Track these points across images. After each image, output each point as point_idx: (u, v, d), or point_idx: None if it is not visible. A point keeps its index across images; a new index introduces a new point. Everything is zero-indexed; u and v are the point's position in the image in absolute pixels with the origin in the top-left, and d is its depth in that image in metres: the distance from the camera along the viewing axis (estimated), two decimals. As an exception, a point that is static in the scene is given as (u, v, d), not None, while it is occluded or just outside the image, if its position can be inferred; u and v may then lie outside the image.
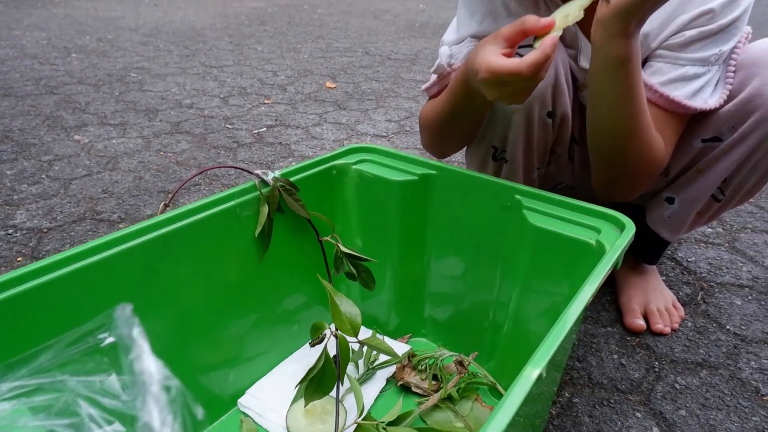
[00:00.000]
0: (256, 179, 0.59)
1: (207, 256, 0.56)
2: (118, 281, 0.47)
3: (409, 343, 0.74)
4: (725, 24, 0.59)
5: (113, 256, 0.47)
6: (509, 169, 0.72)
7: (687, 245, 1.03)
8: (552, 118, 0.69)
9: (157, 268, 0.51)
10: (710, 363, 0.73)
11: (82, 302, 0.43)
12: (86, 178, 1.23)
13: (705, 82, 0.61)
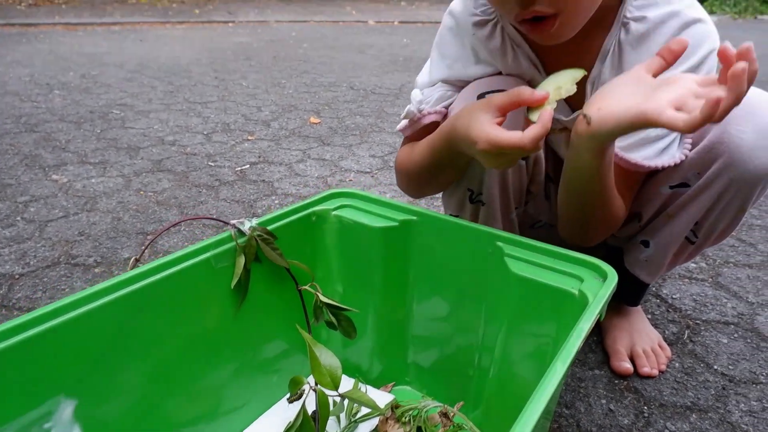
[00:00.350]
0: (232, 229, 0.58)
1: (181, 310, 0.54)
2: (84, 345, 0.45)
3: (392, 392, 0.72)
4: None
5: (77, 318, 0.45)
6: (487, 212, 0.72)
7: (671, 281, 1.02)
8: (525, 160, 0.70)
9: (129, 326, 0.49)
10: (699, 406, 0.72)
11: (43, 373, 0.41)
12: (62, 220, 1.20)
13: (670, 141, 0.63)
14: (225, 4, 7.41)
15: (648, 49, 0.62)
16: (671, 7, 0.61)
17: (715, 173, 0.63)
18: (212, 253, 0.55)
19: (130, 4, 7.00)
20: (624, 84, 0.51)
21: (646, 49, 0.62)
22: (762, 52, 4.69)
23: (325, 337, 0.71)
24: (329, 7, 7.73)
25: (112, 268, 1.01)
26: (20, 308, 0.88)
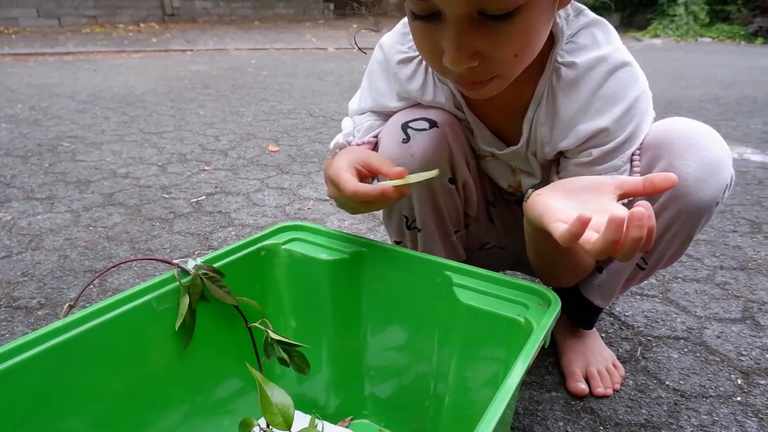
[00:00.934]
0: (175, 269, 0.56)
1: (122, 356, 0.52)
2: (15, 399, 0.42)
3: (350, 426, 0.70)
4: (623, 139, 0.63)
5: (7, 370, 0.42)
6: (425, 237, 0.74)
7: (624, 299, 1.05)
8: (454, 184, 0.72)
9: (64, 377, 0.47)
10: (653, 423, 0.73)
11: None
12: (5, 260, 1.15)
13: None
14: (183, 33, 7.36)
15: (579, 94, 0.63)
16: (599, 52, 0.62)
17: (663, 205, 0.65)
18: (153, 295, 0.54)
19: (84, 33, 6.87)
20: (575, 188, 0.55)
21: (576, 93, 0.63)
22: (704, 72, 4.94)
23: (279, 372, 0.70)
24: (289, 34, 7.79)
25: (57, 310, 0.97)
26: (-46, 358, 0.83)
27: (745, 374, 0.83)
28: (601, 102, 0.63)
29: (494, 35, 0.51)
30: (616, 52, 0.63)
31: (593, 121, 0.63)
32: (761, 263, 1.21)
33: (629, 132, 0.64)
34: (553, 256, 0.65)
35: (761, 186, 1.76)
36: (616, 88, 0.63)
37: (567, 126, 0.65)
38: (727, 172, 0.64)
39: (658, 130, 0.66)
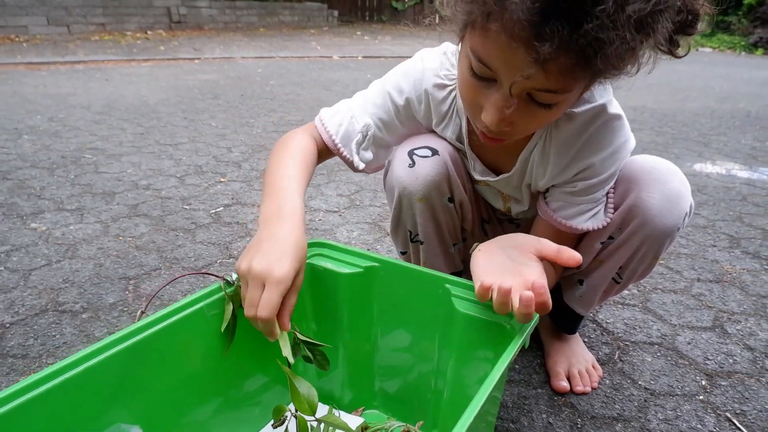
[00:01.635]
0: (221, 281, 0.68)
1: (178, 354, 0.63)
2: (105, 384, 0.54)
3: (362, 415, 0.82)
4: (606, 177, 0.74)
5: (98, 364, 0.54)
6: (427, 249, 0.85)
7: (606, 308, 1.16)
8: (452, 203, 0.82)
9: (134, 371, 0.58)
10: (624, 417, 0.84)
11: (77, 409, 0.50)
12: (46, 268, 1.26)
13: (599, 209, 0.77)
14: (190, 40, 7.51)
15: (573, 139, 0.72)
16: (595, 103, 0.70)
17: (632, 230, 0.77)
18: (205, 303, 0.65)
19: (92, 41, 7.02)
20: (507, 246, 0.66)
21: (571, 138, 0.72)
22: (703, 84, 5.03)
23: (302, 369, 0.81)
24: (294, 42, 7.93)
25: (99, 314, 1.08)
26: (14, 356, 0.94)
27: (709, 376, 0.94)
28: (592, 145, 0.72)
29: (532, 115, 0.59)
30: (609, 105, 0.71)
31: (585, 159, 0.73)
32: (735, 276, 1.32)
33: (611, 172, 0.75)
34: None
35: (744, 202, 1.87)
36: (605, 135, 0.72)
37: (562, 163, 0.74)
38: (686, 202, 0.75)
39: (629, 167, 0.77)
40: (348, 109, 0.81)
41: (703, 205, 1.83)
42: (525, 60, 0.51)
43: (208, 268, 1.29)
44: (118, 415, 0.55)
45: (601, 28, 0.46)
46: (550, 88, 0.55)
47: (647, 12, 0.47)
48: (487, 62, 0.56)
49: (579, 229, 0.77)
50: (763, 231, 1.61)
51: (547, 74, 0.52)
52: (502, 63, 0.55)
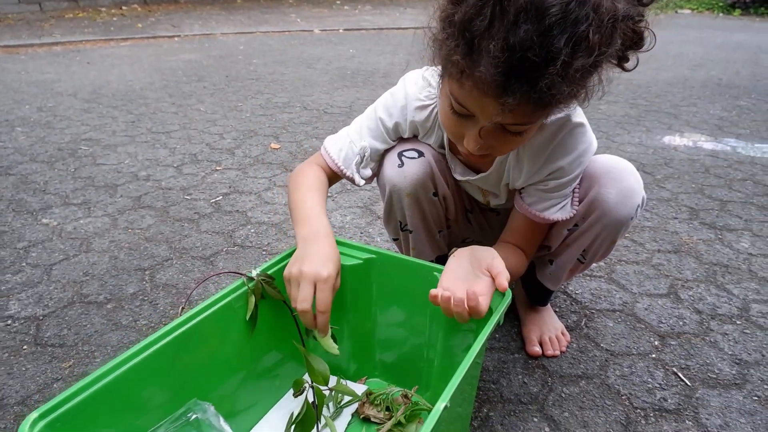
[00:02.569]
0: (244, 278, 0.80)
1: (214, 340, 0.75)
2: (163, 366, 0.66)
3: (366, 383, 0.96)
4: (573, 177, 0.86)
5: (158, 350, 0.66)
6: (415, 236, 0.98)
7: (576, 280, 1.31)
8: (436, 197, 0.95)
9: (182, 355, 0.70)
10: (587, 375, 0.99)
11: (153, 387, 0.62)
12: (65, 263, 1.37)
13: (566, 202, 0.89)
14: (167, 16, 7.38)
15: (543, 145, 0.84)
16: (562, 115, 0.81)
17: (593, 220, 0.90)
18: (232, 297, 0.77)
19: (67, 19, 6.87)
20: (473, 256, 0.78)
21: (542, 144, 0.84)
22: (678, 51, 5.11)
23: (312, 347, 0.94)
24: (273, 15, 7.83)
25: (122, 303, 1.20)
26: (53, 345, 1.06)
27: (661, 337, 1.10)
28: (560, 150, 0.84)
29: (505, 140, 0.71)
30: (573, 115, 0.83)
31: (554, 162, 0.85)
32: (692, 246, 1.47)
33: (577, 172, 0.87)
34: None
35: (706, 174, 2.02)
36: (571, 141, 0.84)
37: (535, 165, 0.87)
38: (638, 196, 0.88)
39: (591, 166, 0.90)
40: (347, 135, 0.95)
41: (669, 178, 1.98)
42: (494, 109, 0.63)
43: (216, 257, 1.40)
44: (177, 393, 0.68)
45: (553, 84, 0.57)
46: (517, 122, 0.67)
47: (591, 63, 0.58)
48: (464, 105, 0.67)
49: (550, 219, 0.90)
50: (720, 202, 1.76)
51: (513, 115, 0.64)
52: (477, 109, 0.67)
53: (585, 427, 0.87)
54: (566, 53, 0.56)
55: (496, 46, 0.57)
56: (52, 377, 0.97)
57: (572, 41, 0.56)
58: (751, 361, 1.03)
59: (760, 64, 4.50)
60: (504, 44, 0.56)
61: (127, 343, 1.07)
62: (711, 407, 0.92)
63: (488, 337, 0.68)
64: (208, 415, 0.62)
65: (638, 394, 0.95)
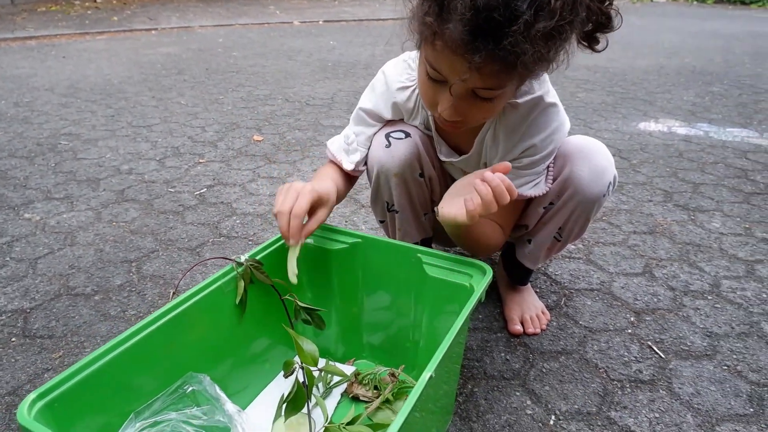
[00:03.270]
0: (233, 263, 0.82)
1: (205, 324, 0.77)
2: (158, 346, 0.68)
3: (354, 365, 0.98)
4: (545, 154, 0.89)
5: (153, 332, 0.68)
6: (401, 217, 1.01)
7: (556, 262, 1.35)
8: (422, 178, 0.98)
9: (174, 337, 0.72)
10: (567, 350, 1.03)
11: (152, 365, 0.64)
12: (50, 256, 1.37)
13: (540, 180, 0.92)
14: (143, 8, 7.26)
15: (517, 124, 0.88)
16: (534, 95, 0.86)
17: (568, 197, 0.93)
18: (222, 282, 0.79)
19: (39, 13, 6.72)
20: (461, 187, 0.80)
21: (516, 123, 0.88)
22: (654, 39, 5.22)
23: (302, 330, 0.96)
24: (252, 7, 7.75)
25: (110, 295, 1.20)
26: (42, 336, 1.07)
27: (636, 314, 1.15)
28: (533, 128, 0.88)
29: (477, 107, 0.75)
30: (546, 96, 0.88)
31: (527, 140, 0.89)
32: (666, 227, 1.53)
33: (549, 150, 0.91)
34: (468, 241, 0.92)
35: (680, 159, 2.08)
36: (543, 120, 0.89)
37: (509, 144, 0.90)
38: (609, 174, 0.92)
39: (565, 145, 0.93)
40: (342, 132, 1.02)
41: (644, 163, 2.03)
42: (463, 67, 0.67)
43: (202, 248, 1.41)
44: (170, 375, 0.70)
45: (517, 43, 0.62)
46: (486, 86, 0.71)
47: (552, 27, 0.62)
48: (437, 68, 0.72)
49: (525, 195, 0.93)
50: (693, 185, 1.82)
51: (482, 76, 0.68)
52: (448, 69, 0.71)
53: (565, 399, 0.91)
54: (529, 15, 0.61)
55: (464, 5, 0.61)
56: (42, 367, 0.98)
57: (535, 5, 0.61)
58: (722, 334, 1.08)
59: (733, 52, 4.60)
60: (471, 4, 0.61)
61: (116, 333, 1.08)
62: (683, 377, 0.96)
63: (471, 311, 0.71)
64: (204, 385, 0.64)
65: (615, 367, 0.99)
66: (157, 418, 0.55)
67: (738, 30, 6.04)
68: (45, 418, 0.55)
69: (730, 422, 0.87)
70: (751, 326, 1.10)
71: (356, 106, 1.01)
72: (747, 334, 1.08)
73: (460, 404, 0.91)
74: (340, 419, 0.83)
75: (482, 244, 0.93)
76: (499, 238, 0.96)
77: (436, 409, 0.77)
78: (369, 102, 0.99)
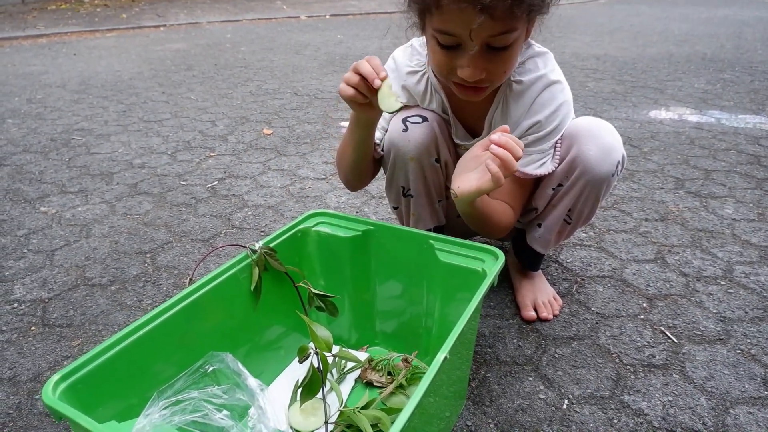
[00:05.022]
0: (248, 251, 0.83)
1: (220, 309, 0.78)
2: (176, 332, 0.69)
3: (367, 351, 0.99)
4: (550, 130, 0.90)
5: (170, 317, 0.69)
6: (416, 202, 1.02)
7: (567, 249, 1.35)
8: (438, 163, 0.98)
9: (190, 323, 0.73)
10: (579, 336, 1.04)
11: (174, 346, 0.65)
12: (66, 248, 1.39)
13: (546, 159, 0.92)
14: (151, 6, 7.30)
15: (524, 101, 0.91)
16: (539, 73, 0.90)
17: (576, 178, 0.93)
18: (237, 269, 0.80)
19: (50, 11, 6.78)
20: (468, 161, 0.81)
21: (522, 100, 0.91)
22: (663, 27, 5.15)
23: (314, 317, 0.97)
24: (259, 2, 7.76)
25: (126, 285, 1.22)
26: (60, 325, 1.09)
27: (649, 299, 1.14)
28: (538, 105, 0.91)
29: (496, 59, 0.78)
30: (550, 74, 0.91)
31: (533, 117, 0.91)
32: (677, 214, 1.52)
33: (554, 125, 0.91)
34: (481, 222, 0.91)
35: (692, 146, 2.06)
36: (548, 97, 0.91)
37: (516, 122, 0.92)
38: (618, 152, 0.92)
39: (572, 127, 0.93)
40: None
41: (655, 150, 2.02)
42: (474, 12, 0.69)
43: (215, 239, 1.43)
44: (186, 359, 0.71)
45: None
46: (499, 32, 0.73)
47: None
48: (448, 30, 0.75)
49: (532, 174, 0.94)
50: (705, 171, 1.81)
51: (494, 20, 0.71)
52: (459, 22, 0.73)
53: (578, 384, 0.92)
54: None
55: None
56: (61, 355, 1.00)
57: None
58: (735, 318, 1.07)
59: (743, 38, 4.54)
60: None
61: (133, 321, 1.10)
62: (697, 361, 0.96)
63: (484, 295, 0.71)
64: (226, 362, 0.65)
65: (628, 352, 0.99)
66: (179, 397, 0.57)
67: (749, 16, 5.95)
68: (68, 398, 0.57)
69: (744, 405, 0.87)
70: (765, 311, 1.10)
71: None
72: (761, 319, 1.07)
73: (473, 389, 0.91)
74: (354, 404, 0.84)
75: (494, 223, 0.92)
76: (510, 218, 0.96)
77: (450, 393, 0.78)
78: None
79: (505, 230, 0.96)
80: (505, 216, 0.94)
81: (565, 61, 3.72)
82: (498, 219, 0.92)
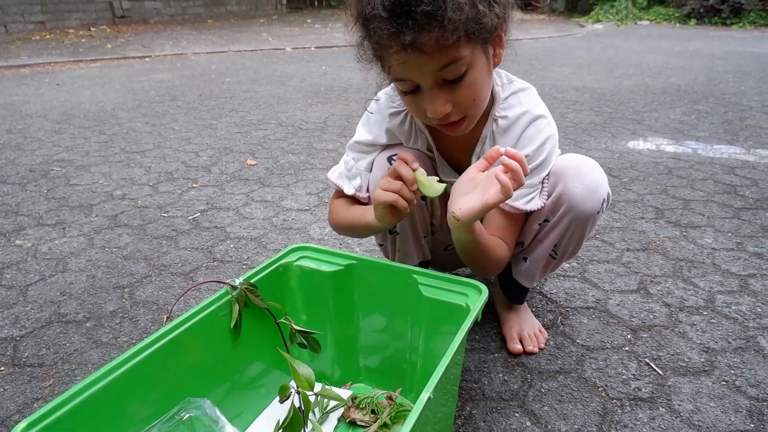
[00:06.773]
0: (228, 287, 0.81)
1: (199, 347, 0.76)
2: (152, 372, 0.67)
3: (350, 388, 0.97)
4: (538, 163, 0.91)
5: (146, 358, 0.67)
6: (402, 238, 1.01)
7: (551, 280, 1.35)
8: (424, 200, 0.99)
9: (168, 362, 0.71)
10: (565, 370, 1.03)
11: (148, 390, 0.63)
12: (41, 283, 1.35)
13: (535, 194, 0.93)
14: (137, 36, 7.34)
15: (509, 137, 0.92)
16: (523, 108, 0.92)
17: (562, 214, 0.94)
18: (217, 306, 0.78)
19: (34, 41, 6.77)
20: (465, 184, 0.80)
21: (509, 135, 0.92)
22: (639, 60, 5.31)
23: (296, 354, 0.95)
24: (244, 33, 7.85)
25: (102, 321, 1.19)
26: (31, 365, 1.05)
27: (633, 331, 1.14)
28: (525, 139, 0.92)
29: (458, 90, 0.78)
30: (534, 108, 0.93)
31: (521, 151, 0.91)
32: (659, 244, 1.53)
33: (542, 159, 0.92)
34: (478, 256, 0.91)
35: (670, 176, 2.10)
36: (534, 131, 0.92)
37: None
38: (603, 190, 0.93)
39: (558, 164, 0.94)
40: (341, 160, 1.03)
41: (634, 181, 2.05)
42: (405, 53, 0.70)
43: (196, 273, 1.40)
44: (165, 401, 0.68)
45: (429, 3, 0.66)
46: (443, 64, 0.73)
47: None
48: (398, 76, 0.77)
49: (521, 210, 0.94)
50: (684, 201, 1.84)
51: (429, 55, 0.71)
52: (403, 69, 0.74)
53: (564, 420, 0.90)
54: None
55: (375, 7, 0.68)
56: (31, 397, 0.96)
57: None
58: (718, 349, 1.08)
59: (715, 70, 4.70)
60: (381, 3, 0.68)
61: (108, 360, 1.06)
62: (682, 394, 0.96)
63: (468, 330, 0.71)
64: (203, 409, 0.63)
65: (614, 386, 0.98)
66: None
67: (720, 50, 6.18)
68: (36, 448, 0.54)
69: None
70: (747, 341, 1.10)
71: (352, 138, 1.02)
72: (744, 349, 1.07)
73: (459, 427, 0.89)
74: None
75: (490, 255, 0.91)
76: (505, 252, 0.95)
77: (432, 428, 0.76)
78: (364, 133, 1.00)
79: (500, 266, 0.96)
80: (500, 249, 0.93)
81: (546, 92, 3.81)
82: (494, 251, 0.92)
